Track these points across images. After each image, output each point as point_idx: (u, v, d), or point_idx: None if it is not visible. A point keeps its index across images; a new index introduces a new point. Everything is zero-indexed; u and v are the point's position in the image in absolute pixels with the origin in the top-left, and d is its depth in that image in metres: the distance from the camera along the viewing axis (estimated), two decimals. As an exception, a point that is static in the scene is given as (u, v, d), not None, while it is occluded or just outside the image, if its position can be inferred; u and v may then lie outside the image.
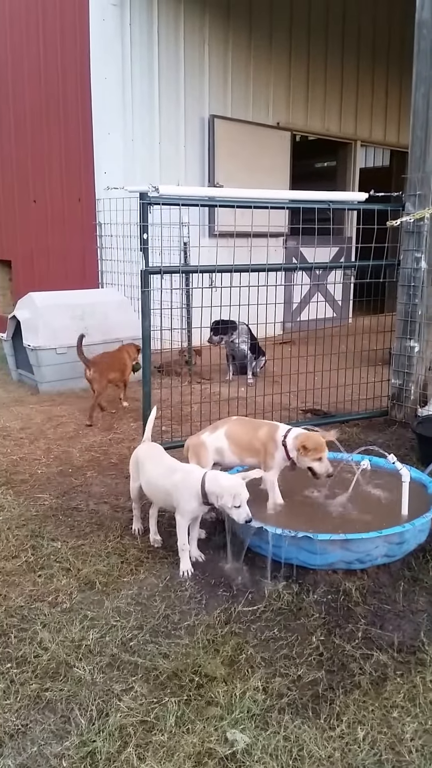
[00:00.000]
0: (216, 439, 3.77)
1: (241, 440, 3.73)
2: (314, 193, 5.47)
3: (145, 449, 3.68)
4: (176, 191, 5.25)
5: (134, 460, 3.70)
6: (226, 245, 5.13)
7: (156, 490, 3.48)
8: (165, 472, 3.44)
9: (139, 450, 3.72)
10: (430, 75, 5.17)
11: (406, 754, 2.22)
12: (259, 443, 3.67)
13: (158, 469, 3.49)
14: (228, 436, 3.75)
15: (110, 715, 2.38)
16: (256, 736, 2.27)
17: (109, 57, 8.32)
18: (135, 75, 8.58)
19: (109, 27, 8.25)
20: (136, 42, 8.51)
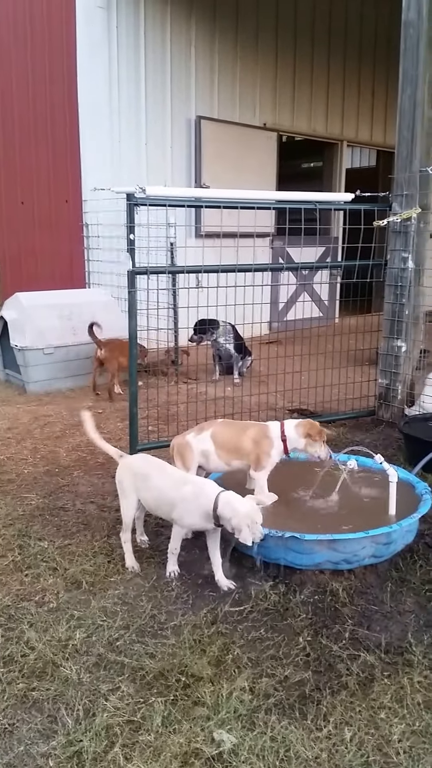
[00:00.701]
0: (201, 441, 3.73)
1: (228, 443, 3.71)
2: (301, 194, 5.48)
3: (139, 462, 3.45)
4: (163, 192, 5.23)
5: (127, 474, 3.37)
6: (213, 246, 5.12)
7: (162, 502, 3.26)
8: (174, 483, 3.25)
9: (131, 464, 3.42)
10: (417, 75, 5.19)
11: (394, 756, 2.22)
12: (251, 443, 3.65)
13: (167, 481, 3.27)
14: (214, 439, 3.72)
15: (97, 715, 2.36)
16: (242, 737, 2.27)
17: (96, 59, 8.30)
18: (122, 77, 8.57)
19: (95, 29, 8.23)
20: (122, 44, 8.50)
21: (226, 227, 4.96)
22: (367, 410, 5.95)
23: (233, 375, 7.50)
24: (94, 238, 8.44)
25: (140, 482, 3.32)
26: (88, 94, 8.35)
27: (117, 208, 6.81)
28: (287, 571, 3.24)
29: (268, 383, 6.18)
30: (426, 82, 5.19)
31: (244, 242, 5.34)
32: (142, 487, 3.31)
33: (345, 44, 11.29)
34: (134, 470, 3.36)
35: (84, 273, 8.78)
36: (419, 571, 3.32)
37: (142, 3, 8.60)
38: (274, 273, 8.87)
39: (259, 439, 3.64)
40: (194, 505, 3.12)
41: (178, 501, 3.16)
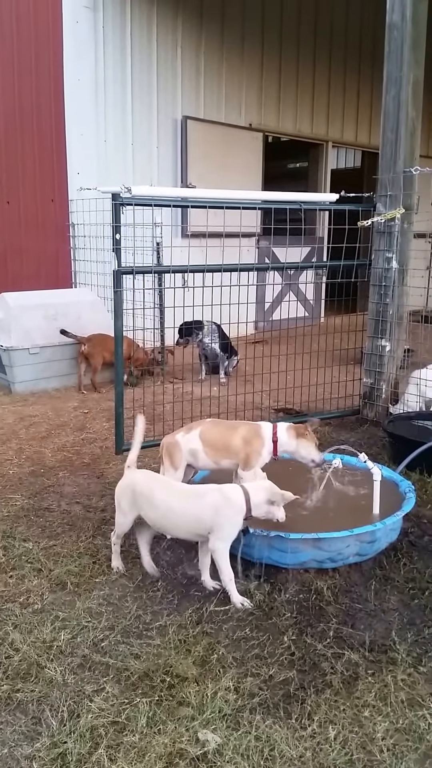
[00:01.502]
0: (190, 440, 3.72)
1: (217, 442, 3.70)
2: (286, 194, 5.50)
3: (143, 479, 3.24)
4: (148, 192, 5.23)
5: (128, 491, 3.20)
6: (199, 246, 5.13)
7: (179, 519, 3.10)
8: (188, 497, 3.12)
9: (134, 481, 3.22)
10: (401, 77, 5.22)
11: (378, 754, 2.23)
12: (241, 442, 3.66)
13: (176, 497, 3.14)
14: (202, 438, 3.71)
15: (81, 716, 2.36)
16: (227, 736, 2.27)
17: (82, 59, 8.28)
18: (108, 76, 8.55)
19: (82, 29, 8.21)
20: (109, 44, 8.48)
21: (212, 227, 4.97)
22: (352, 409, 5.98)
23: (219, 374, 7.50)
24: (80, 237, 8.42)
25: (148, 501, 3.13)
26: (75, 94, 8.33)
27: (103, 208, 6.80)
28: (272, 570, 3.25)
29: (253, 382, 6.19)
30: (410, 84, 5.23)
31: (231, 242, 5.35)
32: (149, 507, 3.13)
33: (330, 46, 11.32)
34: (136, 488, 3.17)
35: (70, 273, 8.75)
36: (403, 569, 3.34)
37: (128, 4, 8.60)
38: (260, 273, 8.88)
39: (250, 438, 3.65)
40: (231, 508, 3.02)
41: (204, 513, 3.02)
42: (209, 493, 3.08)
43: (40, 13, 8.68)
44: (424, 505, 4.05)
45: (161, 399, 5.88)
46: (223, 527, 3.01)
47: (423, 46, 5.29)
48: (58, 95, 8.43)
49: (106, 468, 4.77)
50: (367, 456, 3.70)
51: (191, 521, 3.07)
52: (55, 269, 9.05)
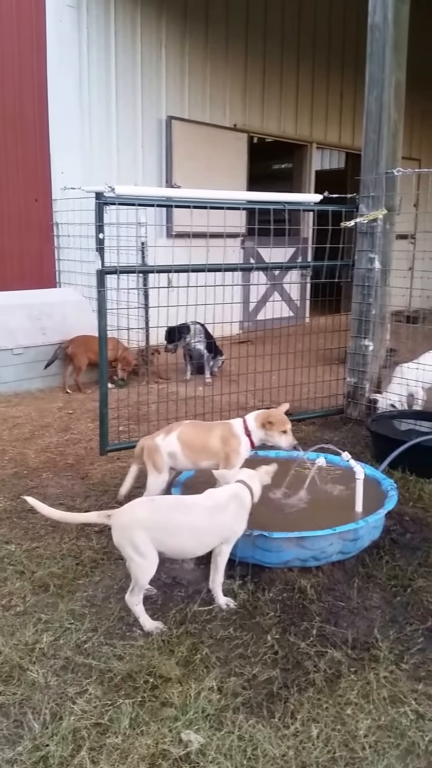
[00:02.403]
0: (169, 443, 3.71)
1: (195, 444, 3.70)
2: (270, 194, 5.50)
3: (149, 510, 2.91)
4: (133, 191, 5.22)
5: (136, 531, 2.78)
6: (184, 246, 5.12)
7: (206, 536, 2.94)
8: (212, 511, 2.95)
9: (139, 518, 2.84)
10: (383, 78, 5.25)
11: (360, 751, 2.24)
12: (219, 443, 3.66)
13: (200, 514, 2.94)
14: (181, 440, 3.70)
15: (64, 719, 2.35)
16: (210, 737, 2.27)
17: (66, 58, 8.25)
18: (92, 76, 8.53)
19: (65, 28, 8.17)
20: (93, 43, 8.46)
21: (197, 227, 4.97)
22: (336, 408, 6.00)
23: (204, 374, 7.51)
24: (64, 237, 8.38)
25: (170, 533, 2.85)
26: (58, 93, 8.29)
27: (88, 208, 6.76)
28: (256, 569, 3.25)
29: (238, 382, 6.20)
30: (392, 85, 5.26)
31: (216, 242, 5.36)
32: (159, 539, 2.82)
33: (314, 47, 11.36)
34: (146, 524, 2.82)
35: (55, 272, 8.72)
36: (385, 567, 3.36)
37: (112, 3, 8.58)
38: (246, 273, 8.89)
39: (227, 438, 3.66)
40: (246, 512, 3.02)
41: (225, 525, 2.96)
42: (230, 503, 2.99)
43: (23, 11, 8.63)
44: (406, 503, 4.08)
45: (146, 399, 5.87)
46: (238, 533, 3.01)
47: (405, 47, 5.32)
48: (42, 94, 8.39)
49: (91, 469, 4.76)
50: (350, 455, 3.72)
51: (217, 535, 2.97)
52: (39, 269, 9.00)
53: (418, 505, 4.09)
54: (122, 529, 2.81)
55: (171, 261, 4.98)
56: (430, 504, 4.10)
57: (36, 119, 8.61)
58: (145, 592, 2.93)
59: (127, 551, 2.79)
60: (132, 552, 2.78)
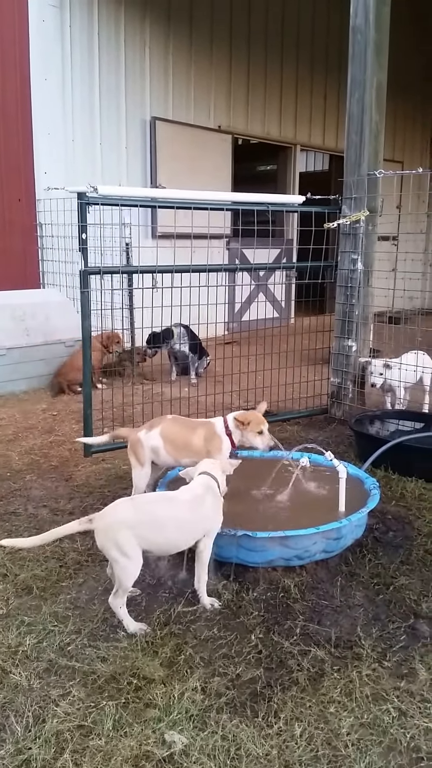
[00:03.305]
0: (151, 438, 3.73)
1: (177, 440, 3.71)
2: (253, 196, 5.53)
3: (130, 508, 2.89)
4: (116, 191, 5.22)
5: (121, 531, 2.76)
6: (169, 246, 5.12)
7: (192, 528, 2.97)
8: (190, 504, 2.97)
9: (122, 517, 2.82)
10: (364, 80, 5.28)
11: (342, 749, 2.25)
12: (202, 442, 3.67)
13: (182, 507, 2.97)
14: (163, 435, 3.72)
15: (47, 721, 2.34)
16: (194, 737, 2.27)
17: (49, 58, 8.22)
18: (75, 76, 8.51)
19: (48, 28, 8.15)
20: (76, 43, 8.44)
21: (182, 228, 4.97)
22: (321, 408, 6.03)
23: (190, 375, 7.50)
24: (48, 237, 8.35)
25: (145, 531, 2.83)
26: (41, 93, 8.26)
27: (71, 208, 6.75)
28: (240, 569, 3.26)
29: (224, 383, 6.21)
30: (373, 87, 5.29)
31: (201, 243, 5.36)
32: (145, 536, 2.82)
33: (297, 49, 11.41)
34: (131, 524, 2.80)
35: (38, 273, 8.68)
36: (368, 565, 3.38)
37: (95, 3, 8.56)
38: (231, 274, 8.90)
39: (209, 437, 3.67)
40: (220, 502, 3.08)
41: (211, 514, 3.00)
42: (206, 495, 3.03)
43: (5, 11, 8.58)
44: (389, 502, 4.11)
45: (131, 400, 5.86)
46: (217, 524, 3.04)
47: (386, 50, 5.36)
48: (25, 94, 8.36)
49: (75, 471, 4.74)
50: (334, 454, 3.74)
51: (200, 527, 2.98)
52: (23, 270, 8.96)
53: (400, 504, 4.11)
54: (106, 531, 2.78)
55: (155, 262, 4.98)
56: (412, 502, 4.13)
57: (19, 119, 8.57)
58: (129, 593, 2.92)
59: (112, 553, 2.77)
60: (116, 554, 2.76)
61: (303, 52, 11.49)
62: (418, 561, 3.46)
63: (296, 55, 11.42)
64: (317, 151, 13.33)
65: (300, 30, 11.38)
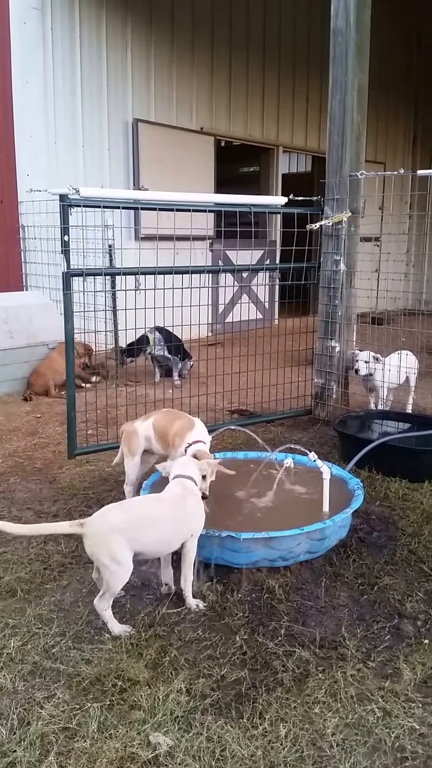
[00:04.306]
0: (146, 428, 3.87)
1: (160, 431, 3.82)
2: (235, 197, 5.53)
3: (121, 513, 2.87)
4: (98, 193, 5.20)
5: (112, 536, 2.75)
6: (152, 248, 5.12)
7: (184, 527, 2.99)
8: (176, 504, 2.99)
9: (113, 521, 2.81)
10: (345, 81, 5.31)
11: (327, 749, 2.26)
12: (172, 433, 3.71)
13: (171, 507, 2.98)
14: (155, 425, 3.85)
15: (32, 724, 2.33)
16: (178, 739, 2.27)
17: (31, 60, 8.20)
18: (57, 78, 8.49)
19: (30, 30, 8.13)
20: (57, 45, 8.43)
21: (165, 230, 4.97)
22: (305, 409, 6.05)
23: (173, 377, 7.50)
24: (31, 240, 8.32)
25: (137, 533, 2.82)
26: (23, 95, 8.23)
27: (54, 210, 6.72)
28: (225, 570, 3.26)
29: (207, 384, 6.21)
30: (355, 89, 5.32)
31: (184, 245, 5.36)
32: (138, 538, 2.82)
33: (279, 50, 11.45)
34: (123, 527, 2.79)
35: (21, 275, 8.64)
36: (352, 566, 3.39)
37: (77, 5, 8.55)
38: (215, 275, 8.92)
39: (177, 432, 3.71)
40: (197, 497, 3.10)
41: (195, 514, 3.01)
42: (187, 495, 3.05)
43: (-15, 12, 8.55)
44: (373, 502, 4.13)
45: (115, 402, 5.86)
46: (201, 523, 3.05)
47: (367, 51, 5.39)
48: (6, 97, 8.32)
49: (59, 473, 4.72)
50: (318, 455, 3.75)
51: (188, 526, 2.99)
52: (6, 272, 8.91)
53: (384, 504, 4.14)
54: (97, 536, 2.76)
55: (138, 263, 4.98)
56: (396, 502, 4.16)
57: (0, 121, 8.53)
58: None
59: (103, 559, 2.74)
60: (107, 560, 2.74)
61: (285, 53, 11.54)
62: (402, 561, 3.48)
63: (278, 57, 11.46)
64: (300, 152, 13.38)
65: (282, 31, 11.42)
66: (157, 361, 7.60)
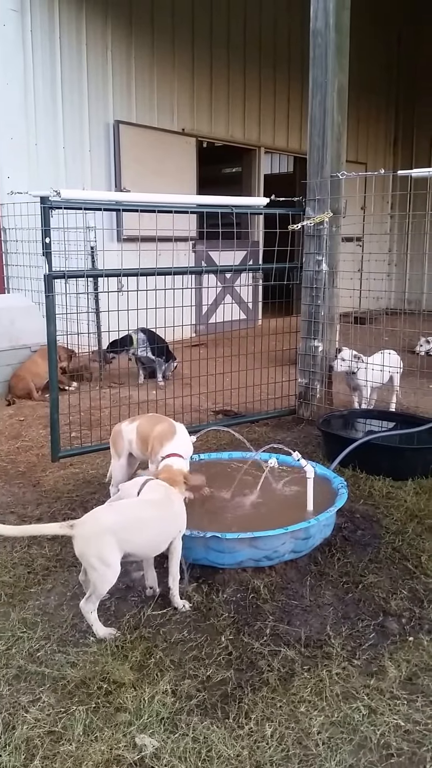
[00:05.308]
0: (130, 430, 3.83)
1: (142, 435, 3.78)
2: (217, 198, 5.55)
3: (112, 514, 2.88)
4: (79, 195, 5.19)
5: (104, 538, 2.75)
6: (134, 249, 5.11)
7: (172, 527, 3.01)
8: (162, 505, 3.01)
9: (104, 523, 2.80)
10: (326, 82, 5.33)
11: (313, 748, 2.26)
12: (152, 438, 3.68)
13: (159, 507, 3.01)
14: (138, 429, 3.81)
15: (17, 728, 2.32)
16: (164, 740, 2.27)
17: (10, 62, 8.15)
18: (37, 80, 8.45)
19: (9, 32, 8.08)
20: (37, 47, 8.39)
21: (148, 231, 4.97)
22: (289, 409, 6.06)
23: (157, 378, 7.49)
24: (12, 242, 8.28)
25: (128, 534, 2.83)
26: (3, 97, 8.18)
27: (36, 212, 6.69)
28: (210, 571, 3.26)
29: (191, 385, 6.21)
30: (335, 90, 5.34)
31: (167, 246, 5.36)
32: (130, 539, 2.83)
33: (260, 51, 11.48)
34: (115, 528, 2.79)
35: (2, 278, 8.59)
36: (337, 564, 3.41)
37: (56, 7, 8.52)
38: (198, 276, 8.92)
39: (157, 437, 3.65)
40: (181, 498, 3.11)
41: (174, 510, 3.03)
42: (171, 494, 3.07)
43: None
44: (357, 501, 4.14)
45: (99, 404, 5.84)
46: (185, 523, 3.06)
47: (347, 52, 5.41)
48: (-14, 99, 8.28)
49: (43, 476, 4.70)
50: (302, 454, 3.76)
51: (174, 526, 3.02)
52: (-13, 275, 8.86)
53: (368, 502, 4.15)
54: (88, 538, 2.75)
55: (121, 265, 4.97)
56: (380, 501, 4.18)
57: (-19, 123, 8.48)
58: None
59: (92, 561, 2.73)
60: (96, 561, 2.73)
61: (265, 54, 11.57)
62: (387, 559, 3.50)
63: (259, 58, 11.49)
64: (281, 153, 13.43)
65: (262, 32, 11.45)
66: (140, 362, 7.58)
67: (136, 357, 7.50)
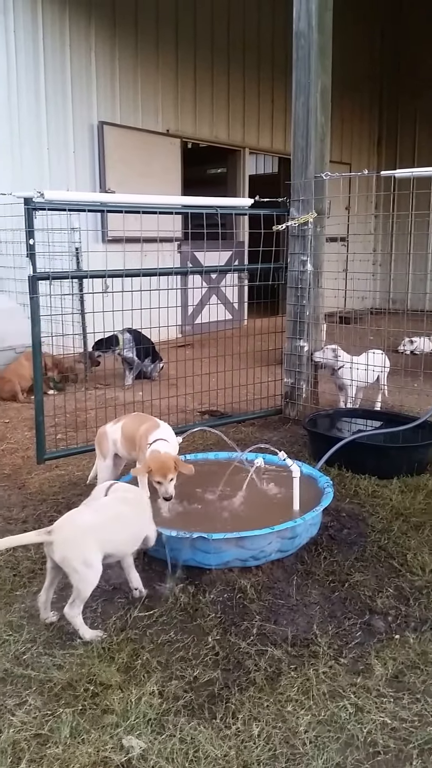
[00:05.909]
0: (114, 431, 3.87)
1: (127, 434, 3.81)
2: (202, 199, 5.55)
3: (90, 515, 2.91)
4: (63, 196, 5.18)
5: (87, 540, 2.77)
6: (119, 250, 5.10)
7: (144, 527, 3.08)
8: (136, 504, 3.08)
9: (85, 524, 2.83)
10: (309, 83, 5.35)
11: (300, 747, 2.27)
12: (138, 436, 3.70)
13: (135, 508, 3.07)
14: (122, 429, 3.85)
15: (3, 731, 2.30)
16: (152, 741, 2.26)
17: (-7, 62, 8.13)
18: (21, 80, 8.42)
19: (-9, 32, 8.06)
20: (21, 48, 8.36)
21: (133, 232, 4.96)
22: (275, 409, 6.07)
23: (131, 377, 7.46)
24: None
25: (107, 534, 2.86)
26: (-15, 98, 8.16)
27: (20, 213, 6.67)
28: (197, 571, 3.26)
29: (177, 386, 6.21)
30: (318, 91, 5.36)
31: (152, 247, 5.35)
32: (110, 538, 2.87)
33: (244, 52, 11.49)
34: (94, 528, 2.82)
35: (-14, 280, 8.54)
36: (323, 563, 3.41)
37: (39, 8, 8.49)
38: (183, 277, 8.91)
39: (143, 435, 3.68)
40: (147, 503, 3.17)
41: (143, 509, 3.11)
42: (142, 495, 3.21)
43: None
44: (343, 499, 4.15)
45: (85, 405, 5.82)
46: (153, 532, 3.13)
47: (329, 53, 5.43)
48: (-31, 100, 8.24)
49: (28, 478, 4.68)
50: (288, 454, 3.77)
51: (147, 524, 3.11)
52: (-29, 277, 8.80)
53: (354, 501, 4.17)
54: (67, 541, 2.74)
55: (106, 266, 4.96)
56: (365, 499, 4.19)
57: (-36, 124, 8.44)
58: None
59: (73, 564, 2.72)
60: (78, 564, 2.72)
61: (249, 54, 11.58)
62: (373, 557, 3.51)
63: (243, 58, 11.50)
64: (266, 154, 13.46)
65: (246, 33, 11.46)
66: (126, 363, 7.57)
67: (122, 357, 7.49)
